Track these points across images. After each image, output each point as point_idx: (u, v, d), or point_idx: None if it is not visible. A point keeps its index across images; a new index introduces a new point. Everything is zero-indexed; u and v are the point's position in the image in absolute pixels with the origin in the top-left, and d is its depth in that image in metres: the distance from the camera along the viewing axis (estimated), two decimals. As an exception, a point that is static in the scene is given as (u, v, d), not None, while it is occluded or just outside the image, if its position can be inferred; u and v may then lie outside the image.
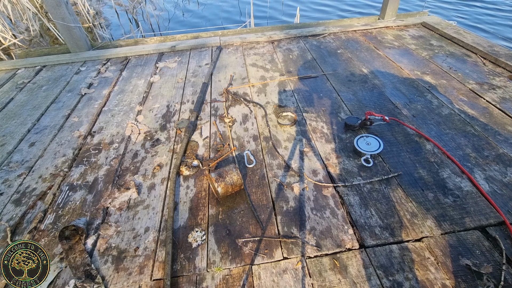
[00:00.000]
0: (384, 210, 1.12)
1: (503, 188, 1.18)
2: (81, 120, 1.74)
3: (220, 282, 0.94)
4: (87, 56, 2.45)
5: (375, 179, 1.24)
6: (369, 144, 1.36)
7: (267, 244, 1.03)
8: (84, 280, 0.96)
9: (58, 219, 1.18)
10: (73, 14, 2.40)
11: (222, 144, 1.49)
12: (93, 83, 2.11)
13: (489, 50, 2.08)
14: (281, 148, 1.44)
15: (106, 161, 1.44)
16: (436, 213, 1.10)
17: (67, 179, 1.36)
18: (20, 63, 2.41)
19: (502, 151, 1.34)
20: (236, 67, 2.19)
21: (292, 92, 1.86)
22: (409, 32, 2.55)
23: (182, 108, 1.78)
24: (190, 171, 1.34)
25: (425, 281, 0.91)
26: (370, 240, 1.02)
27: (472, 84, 1.81)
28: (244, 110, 1.73)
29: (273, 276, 0.94)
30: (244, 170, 1.33)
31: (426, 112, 1.61)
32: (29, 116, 1.80)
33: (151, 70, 2.24)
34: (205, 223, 1.12)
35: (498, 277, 0.90)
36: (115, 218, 1.16)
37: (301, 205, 1.16)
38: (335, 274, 0.94)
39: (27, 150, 1.54)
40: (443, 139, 1.43)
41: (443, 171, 1.26)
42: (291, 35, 2.60)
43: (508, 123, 1.50)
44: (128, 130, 1.63)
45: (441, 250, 0.98)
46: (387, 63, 2.10)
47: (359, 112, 1.65)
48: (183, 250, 1.03)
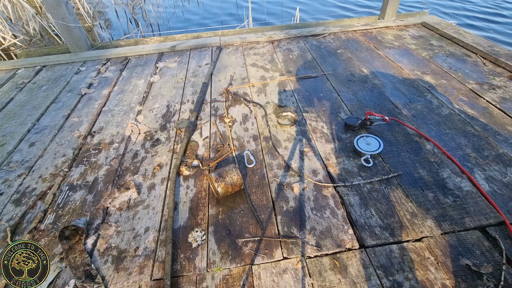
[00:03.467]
0: (384, 210, 1.12)
1: (503, 188, 1.18)
2: (81, 120, 1.74)
3: (220, 282, 0.94)
4: (87, 56, 2.45)
5: (375, 179, 1.24)
6: (369, 144, 1.36)
7: (267, 244, 1.03)
8: (84, 280, 0.96)
9: (58, 219, 1.18)
10: (73, 14, 2.40)
11: (222, 144, 1.49)
12: (93, 83, 2.11)
13: (489, 50, 2.08)
14: (281, 148, 1.44)
15: (106, 161, 1.44)
16: (436, 213, 1.10)
17: (67, 179, 1.36)
18: (20, 63, 2.41)
19: (502, 151, 1.34)
20: (236, 67, 2.18)
21: (292, 92, 1.86)
22: (409, 32, 2.55)
23: (182, 108, 1.78)
24: (190, 171, 1.34)
25: (425, 281, 0.91)
26: (370, 240, 1.02)
27: (472, 84, 1.81)
28: (244, 110, 1.73)
29: (273, 276, 0.94)
30: (244, 170, 1.33)
31: (426, 112, 1.61)
32: (29, 116, 1.80)
33: (151, 70, 2.24)
34: (205, 223, 1.12)
35: (498, 277, 0.90)
36: (115, 218, 1.16)
37: (301, 205, 1.16)
38: (335, 274, 0.94)
39: (27, 150, 1.54)
40: (443, 139, 1.43)
41: (443, 171, 1.26)
42: (291, 35, 2.60)
43: (508, 123, 1.50)
44: (128, 130, 1.63)
45: (441, 250, 0.98)
46: (387, 63, 2.10)
47: (359, 112, 1.65)
48: (183, 250, 1.03)
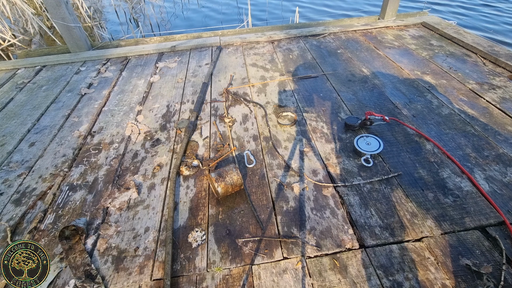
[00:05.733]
0: (384, 210, 1.12)
1: (503, 188, 1.18)
2: (81, 120, 1.74)
3: (220, 282, 0.94)
4: (87, 56, 2.45)
5: (375, 179, 1.24)
6: (369, 144, 1.36)
7: (267, 244, 1.03)
8: (84, 280, 0.96)
9: (58, 219, 1.18)
10: (73, 14, 2.40)
11: (222, 144, 1.49)
12: (93, 83, 2.11)
13: (489, 50, 2.08)
14: (281, 148, 1.44)
15: (106, 161, 1.44)
16: (436, 213, 1.10)
17: (67, 179, 1.36)
18: (20, 63, 2.41)
19: (502, 151, 1.34)
20: (236, 67, 2.18)
21: (292, 92, 1.86)
22: (409, 32, 2.55)
23: (182, 108, 1.78)
24: (190, 171, 1.34)
25: (425, 281, 0.91)
26: (370, 240, 1.02)
27: (472, 84, 1.81)
28: (244, 110, 1.73)
29: (273, 276, 0.94)
30: (244, 170, 1.33)
31: (426, 112, 1.61)
32: (29, 116, 1.80)
33: (151, 70, 2.24)
34: (205, 223, 1.12)
35: (498, 277, 0.90)
36: (115, 218, 1.16)
37: (301, 205, 1.16)
38: (335, 274, 0.94)
39: (27, 150, 1.54)
40: (443, 139, 1.43)
41: (443, 171, 1.26)
42: (291, 35, 2.60)
43: (508, 123, 1.50)
44: (128, 130, 1.63)
45: (441, 250, 0.98)
46: (387, 63, 2.10)
47: (359, 112, 1.65)
48: (183, 250, 1.03)
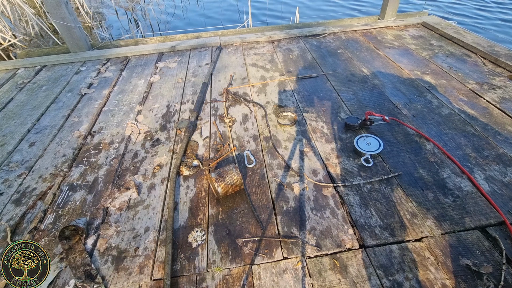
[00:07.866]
0: (384, 210, 1.12)
1: (503, 188, 1.18)
2: (81, 120, 1.74)
3: (220, 282, 0.94)
4: (87, 56, 2.45)
5: (375, 179, 1.24)
6: (369, 144, 1.36)
7: (267, 244, 1.03)
8: (84, 280, 0.96)
9: (58, 219, 1.18)
10: (73, 14, 2.40)
11: (222, 144, 1.49)
12: (93, 83, 2.11)
13: (489, 50, 2.08)
14: (281, 148, 1.44)
15: (106, 161, 1.44)
16: (436, 213, 1.10)
17: (67, 179, 1.36)
18: (20, 63, 2.41)
19: (502, 151, 1.34)
20: (236, 67, 2.18)
21: (292, 92, 1.86)
22: (409, 32, 2.55)
23: (182, 108, 1.78)
24: (190, 171, 1.34)
25: (425, 281, 0.91)
26: (370, 240, 1.02)
27: (472, 84, 1.81)
28: (244, 110, 1.73)
29: (273, 276, 0.94)
30: (244, 170, 1.33)
31: (426, 112, 1.61)
32: (29, 116, 1.80)
33: (151, 70, 2.24)
34: (205, 223, 1.12)
35: (498, 277, 0.90)
36: (115, 218, 1.16)
37: (301, 205, 1.16)
38: (335, 274, 0.94)
39: (27, 150, 1.54)
40: (443, 139, 1.43)
41: (443, 171, 1.26)
42: (291, 35, 2.60)
43: (508, 123, 1.50)
44: (128, 130, 1.63)
45: (441, 250, 0.98)
46: (387, 63, 2.10)
47: (359, 112, 1.65)
48: (183, 250, 1.03)
